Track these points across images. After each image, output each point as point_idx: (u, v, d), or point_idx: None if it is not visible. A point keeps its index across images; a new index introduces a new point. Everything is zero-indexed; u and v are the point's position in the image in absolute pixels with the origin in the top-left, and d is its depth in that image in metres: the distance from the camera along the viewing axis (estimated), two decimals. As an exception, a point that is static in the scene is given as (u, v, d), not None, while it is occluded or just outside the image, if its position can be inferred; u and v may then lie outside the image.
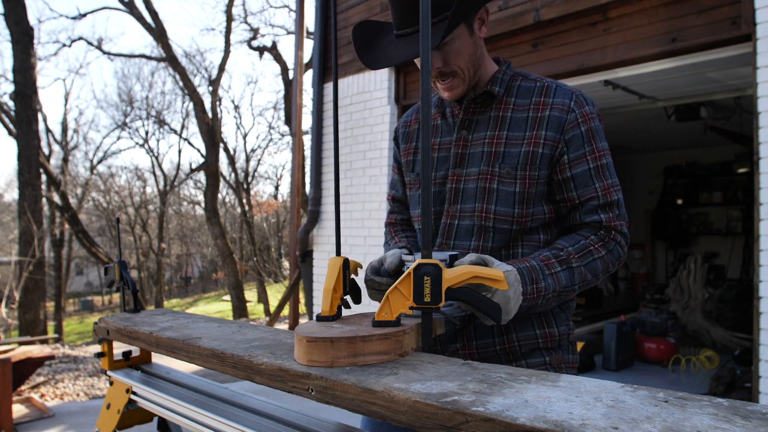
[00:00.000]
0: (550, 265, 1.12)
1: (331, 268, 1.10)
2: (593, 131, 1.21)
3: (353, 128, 5.48)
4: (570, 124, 1.19)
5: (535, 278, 1.09)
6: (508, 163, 1.20)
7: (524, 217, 1.20)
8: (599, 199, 1.19)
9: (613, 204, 1.20)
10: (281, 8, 24.41)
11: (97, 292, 26.44)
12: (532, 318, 1.23)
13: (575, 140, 1.19)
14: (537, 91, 1.23)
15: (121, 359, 1.52)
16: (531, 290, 1.08)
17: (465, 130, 1.27)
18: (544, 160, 1.19)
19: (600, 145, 1.21)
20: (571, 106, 1.20)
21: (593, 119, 1.22)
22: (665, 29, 3.55)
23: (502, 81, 1.27)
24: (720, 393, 3.99)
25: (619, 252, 1.20)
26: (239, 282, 15.65)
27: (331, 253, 5.73)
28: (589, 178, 1.19)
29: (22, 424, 4.05)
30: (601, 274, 1.18)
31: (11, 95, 11.03)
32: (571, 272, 1.14)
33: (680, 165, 8.72)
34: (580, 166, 1.19)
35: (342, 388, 0.80)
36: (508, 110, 1.24)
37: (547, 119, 1.19)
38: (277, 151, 30.56)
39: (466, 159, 1.25)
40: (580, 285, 1.16)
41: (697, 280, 5.64)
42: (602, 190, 1.19)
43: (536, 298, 1.10)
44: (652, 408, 0.64)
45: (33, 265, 9.64)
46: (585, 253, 1.16)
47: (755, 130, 3.08)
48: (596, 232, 1.19)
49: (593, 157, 1.20)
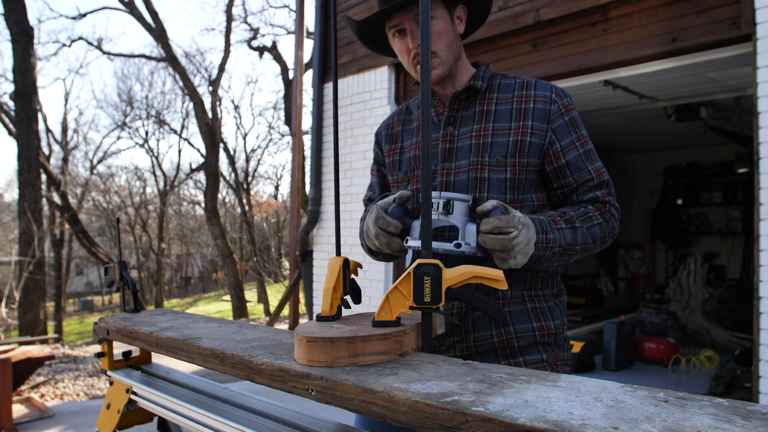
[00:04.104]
0: (556, 221, 1.18)
1: (331, 268, 1.10)
2: (575, 120, 1.29)
3: (353, 128, 5.48)
4: (554, 115, 1.27)
5: (545, 229, 1.15)
6: (498, 152, 1.25)
7: (515, 203, 1.25)
8: (594, 180, 1.27)
9: (605, 183, 1.28)
10: (281, 8, 24.46)
11: (97, 292, 26.44)
12: (528, 311, 1.26)
13: (562, 129, 1.27)
14: (518, 86, 1.31)
15: (121, 359, 1.52)
16: (542, 239, 1.13)
17: (451, 127, 1.32)
18: (533, 149, 1.25)
19: (583, 133, 1.30)
20: (553, 98, 1.28)
21: (573, 110, 1.30)
22: (665, 29, 3.55)
23: (483, 77, 1.33)
24: (720, 393, 3.98)
25: (613, 224, 1.27)
26: (239, 282, 15.65)
27: (331, 253, 5.73)
28: (582, 162, 1.27)
29: (22, 424, 4.05)
30: (599, 241, 1.24)
31: (11, 95, 11.04)
32: (574, 231, 1.19)
33: (680, 165, 8.72)
34: (571, 153, 1.27)
35: (342, 388, 0.80)
36: (492, 104, 1.30)
37: (532, 110, 1.26)
38: (277, 151, 30.61)
39: (455, 153, 1.30)
40: (582, 247, 1.21)
41: (697, 280, 5.64)
42: (595, 171, 1.27)
43: (545, 249, 1.14)
44: (652, 408, 0.64)
45: (33, 265, 9.64)
46: (586, 217, 1.23)
47: (755, 130, 3.07)
48: (594, 204, 1.27)
49: (580, 143, 1.28)
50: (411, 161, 1.38)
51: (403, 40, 1.29)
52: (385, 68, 5.20)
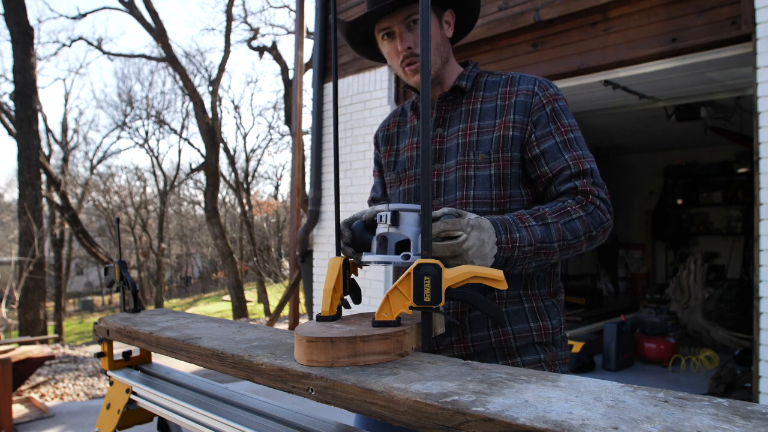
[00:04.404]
0: (524, 219, 1.12)
1: (331, 268, 1.10)
2: (558, 110, 1.26)
3: (353, 128, 5.48)
4: (535, 107, 1.25)
5: (508, 228, 1.09)
6: (482, 149, 1.25)
7: (502, 198, 1.24)
8: (571, 168, 1.21)
9: (586, 172, 1.21)
10: (281, 8, 24.44)
11: (97, 292, 26.45)
12: (526, 311, 1.26)
13: (541, 120, 1.25)
14: (503, 83, 1.30)
15: (121, 359, 1.52)
16: (505, 239, 1.08)
17: (440, 128, 1.33)
18: (515, 142, 1.24)
19: (566, 122, 1.25)
20: (534, 90, 1.26)
21: (557, 100, 1.27)
22: (665, 29, 3.55)
23: (468, 77, 1.33)
24: (720, 393, 3.98)
25: (600, 217, 1.18)
26: (239, 282, 15.66)
27: (331, 253, 5.73)
28: (558, 151, 1.22)
29: (22, 424, 4.05)
30: (583, 236, 1.16)
31: (11, 95, 11.04)
32: (547, 227, 1.12)
33: (680, 165, 8.73)
34: (547, 142, 1.23)
35: (342, 388, 0.80)
36: (477, 103, 1.31)
37: (513, 105, 1.26)
38: (277, 151, 30.63)
39: (444, 154, 1.31)
40: (561, 244, 1.14)
41: (697, 280, 5.64)
42: (572, 160, 1.21)
43: (511, 248, 1.08)
44: (652, 408, 0.63)
45: (33, 265, 9.64)
46: (562, 212, 1.15)
47: (755, 130, 3.08)
48: (573, 197, 1.20)
49: (559, 132, 1.24)
50: (405, 162, 1.39)
51: (392, 43, 1.29)
52: (385, 68, 5.20)
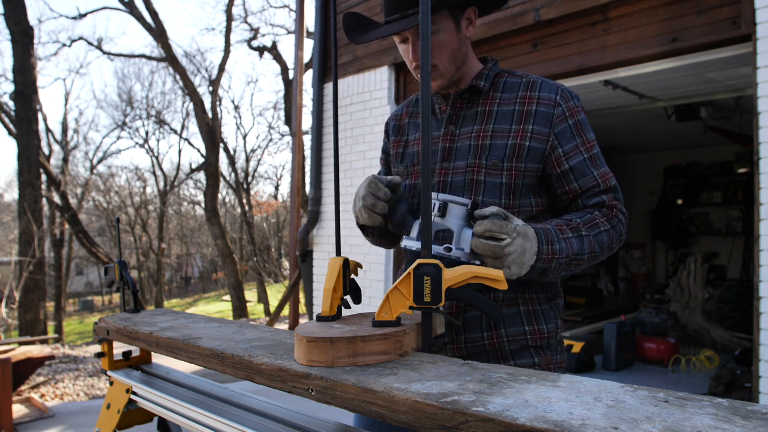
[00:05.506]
0: (563, 230, 1.14)
1: (331, 268, 1.10)
2: (581, 123, 1.25)
3: (353, 128, 5.48)
4: (558, 119, 1.23)
5: (550, 239, 1.10)
6: (495, 155, 1.22)
7: (511, 208, 1.23)
8: (600, 186, 1.23)
9: (612, 188, 1.24)
10: (281, 8, 24.43)
11: (97, 292, 26.44)
12: (521, 314, 1.24)
13: (565, 133, 1.23)
14: (523, 86, 1.27)
15: (121, 359, 1.52)
16: (546, 251, 1.09)
17: (452, 125, 1.29)
18: (533, 154, 1.22)
19: (589, 136, 1.26)
20: (557, 101, 1.23)
21: (579, 112, 1.26)
22: (665, 29, 3.55)
23: (487, 77, 1.30)
24: (720, 393, 3.98)
25: (621, 229, 1.23)
26: (239, 282, 15.65)
27: (331, 253, 5.73)
28: (587, 168, 1.23)
29: (22, 424, 4.05)
30: (606, 248, 1.19)
31: (11, 95, 11.04)
32: (581, 240, 1.15)
33: (680, 165, 8.72)
34: (575, 158, 1.23)
35: (342, 388, 0.80)
36: (494, 104, 1.27)
37: (534, 114, 1.22)
38: (277, 151, 30.63)
39: (454, 153, 1.28)
40: (589, 256, 1.16)
41: (697, 280, 5.64)
42: (600, 177, 1.23)
43: (550, 260, 1.09)
44: (652, 408, 0.63)
45: (33, 265, 9.64)
46: (593, 224, 1.18)
47: (755, 130, 3.07)
48: (600, 209, 1.22)
49: (585, 148, 1.24)
50: (413, 156, 1.37)
51: (406, 47, 1.27)
52: (385, 68, 5.20)
